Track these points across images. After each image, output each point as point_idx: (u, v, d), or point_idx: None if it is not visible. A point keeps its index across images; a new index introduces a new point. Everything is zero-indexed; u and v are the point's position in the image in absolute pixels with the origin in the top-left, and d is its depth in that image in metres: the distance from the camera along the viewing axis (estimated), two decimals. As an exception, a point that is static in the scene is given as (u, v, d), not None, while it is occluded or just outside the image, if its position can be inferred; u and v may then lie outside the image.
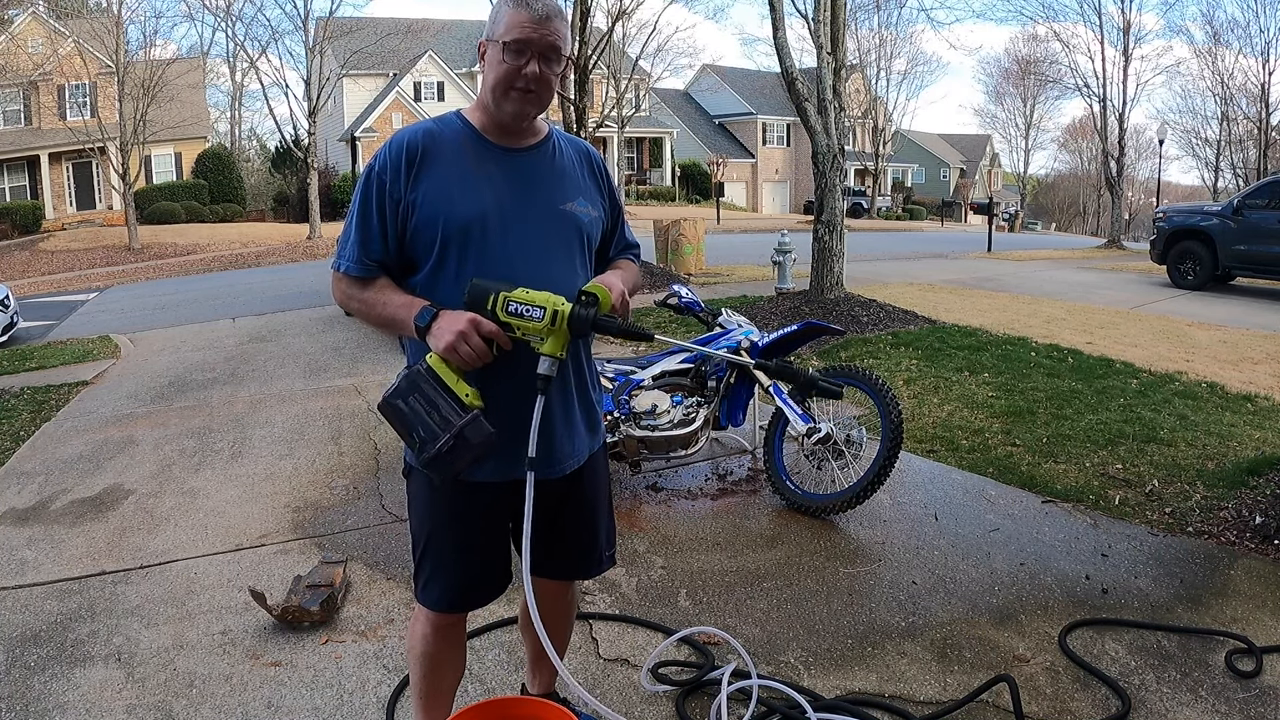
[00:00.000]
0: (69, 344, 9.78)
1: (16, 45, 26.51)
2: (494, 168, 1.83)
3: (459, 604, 1.96)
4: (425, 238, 1.78)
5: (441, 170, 1.79)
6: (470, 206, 1.78)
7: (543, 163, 1.89)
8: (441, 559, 1.90)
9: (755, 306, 9.00)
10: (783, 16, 8.83)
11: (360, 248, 1.80)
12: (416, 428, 1.65)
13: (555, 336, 1.70)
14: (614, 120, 28.20)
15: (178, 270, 20.54)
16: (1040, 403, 5.47)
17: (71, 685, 2.66)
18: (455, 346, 1.67)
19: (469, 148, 1.82)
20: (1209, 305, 10.25)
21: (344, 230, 1.86)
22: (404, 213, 1.78)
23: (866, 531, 3.66)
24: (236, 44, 29.30)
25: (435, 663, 2.00)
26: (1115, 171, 22.86)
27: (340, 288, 1.87)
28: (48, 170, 29.11)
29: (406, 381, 1.67)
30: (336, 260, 1.86)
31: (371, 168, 1.82)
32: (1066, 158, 58.49)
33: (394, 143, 1.82)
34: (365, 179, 1.82)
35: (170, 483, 4.56)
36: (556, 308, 1.69)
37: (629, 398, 4.00)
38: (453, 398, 1.65)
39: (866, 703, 2.46)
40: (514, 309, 1.69)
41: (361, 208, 1.81)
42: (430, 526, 1.90)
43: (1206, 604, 3.01)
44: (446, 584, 1.92)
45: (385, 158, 1.80)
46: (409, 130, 1.84)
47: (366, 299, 1.82)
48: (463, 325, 1.67)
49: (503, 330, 1.70)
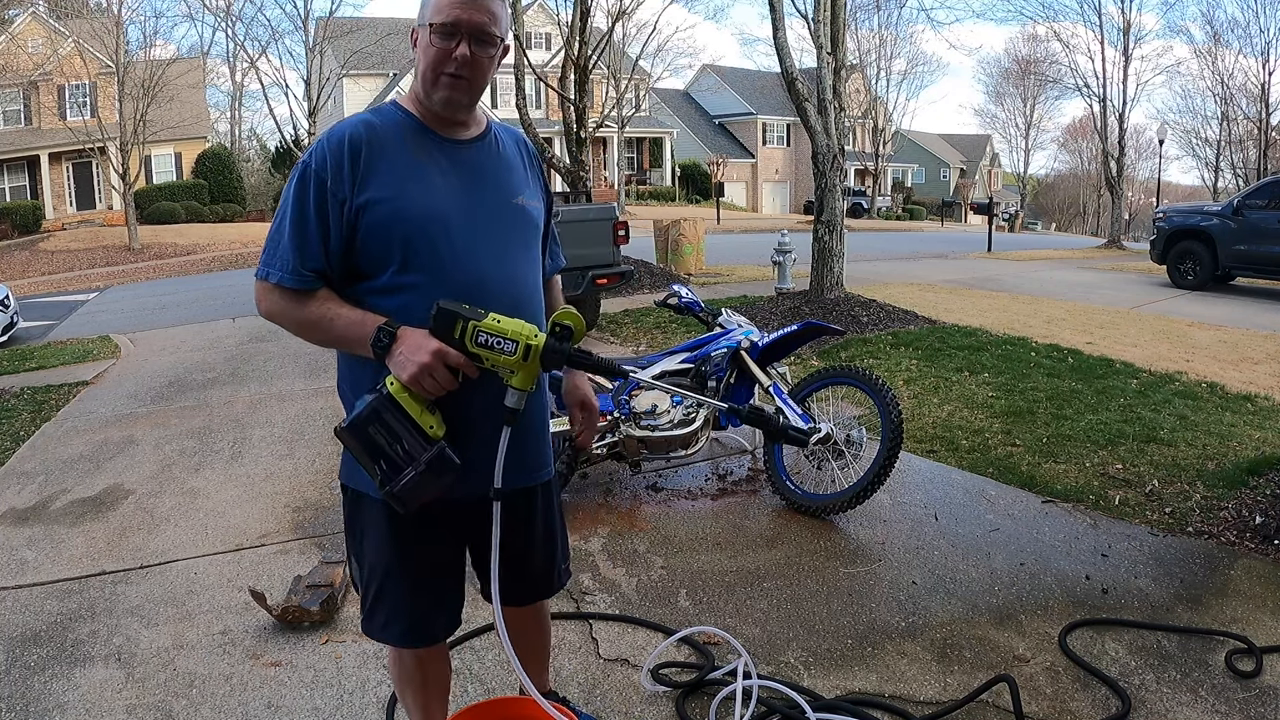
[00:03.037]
0: (69, 344, 9.78)
1: (16, 45, 26.52)
2: (444, 161, 1.69)
3: (425, 638, 1.83)
4: (378, 242, 1.62)
5: (389, 165, 1.63)
6: (429, 204, 1.64)
7: (488, 156, 1.77)
8: (401, 592, 1.76)
9: (755, 306, 8.99)
10: (783, 16, 8.83)
11: (296, 256, 1.60)
12: (379, 460, 1.56)
13: (526, 371, 1.60)
14: (614, 120, 28.23)
15: (178, 270, 20.54)
16: (1040, 403, 5.47)
17: (71, 685, 2.66)
18: (420, 380, 1.55)
19: (412, 139, 1.67)
20: (1209, 305, 10.25)
21: (273, 234, 1.64)
22: (350, 215, 1.60)
23: (866, 531, 3.66)
24: (236, 44, 29.36)
25: (421, 683, 1.91)
26: (1115, 171, 22.87)
27: (270, 301, 1.64)
28: (48, 170, 29.10)
29: (368, 410, 1.55)
30: (263, 269, 1.63)
31: (307, 165, 1.62)
32: (1066, 158, 58.61)
33: (333, 136, 1.63)
34: (300, 178, 1.61)
35: (170, 483, 4.56)
36: (529, 341, 1.58)
37: (629, 398, 4.00)
38: (416, 429, 1.55)
39: (866, 703, 2.45)
40: (484, 340, 1.57)
41: (297, 211, 1.60)
42: (388, 559, 1.74)
43: (1206, 604, 3.01)
44: (412, 620, 1.79)
45: (324, 153, 1.61)
46: (347, 123, 1.66)
47: (306, 316, 1.63)
48: (427, 358, 1.54)
49: (470, 361, 1.58)
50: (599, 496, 4.11)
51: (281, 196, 1.65)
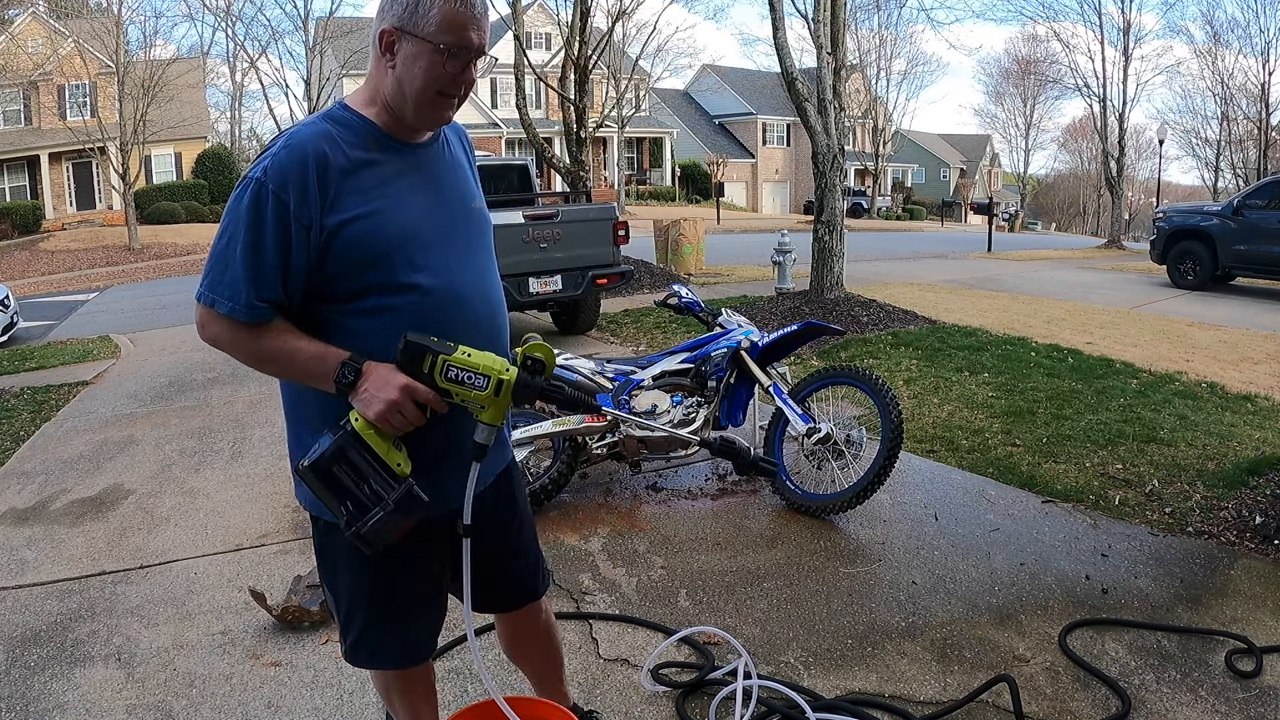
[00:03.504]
0: (69, 344, 9.79)
1: (16, 45, 26.51)
2: (409, 172, 1.59)
3: (416, 658, 1.78)
4: (350, 263, 1.49)
5: (359, 182, 1.50)
6: (403, 221, 1.53)
7: (442, 158, 1.67)
8: (385, 622, 1.70)
9: (755, 306, 9.00)
10: (783, 16, 8.83)
11: (250, 288, 1.45)
12: (345, 500, 1.49)
13: (497, 406, 1.55)
14: (614, 120, 28.24)
15: (178, 270, 20.54)
16: (1040, 403, 5.47)
17: (71, 685, 2.66)
18: (388, 417, 1.47)
19: (378, 150, 1.55)
20: (1209, 305, 10.25)
21: (218, 258, 1.47)
22: (318, 240, 1.47)
23: (866, 531, 3.66)
24: (236, 44, 29.42)
25: (405, 687, 1.84)
26: (1115, 171, 22.87)
27: (217, 329, 1.50)
28: (48, 170, 29.10)
29: (332, 448, 1.48)
30: (207, 293, 1.47)
31: (263, 185, 1.43)
32: (1066, 158, 58.64)
33: (293, 151, 1.45)
34: (255, 199, 1.43)
35: (170, 483, 4.56)
36: (501, 376, 1.52)
37: (629, 398, 4.00)
38: (383, 467, 1.49)
39: (866, 703, 2.45)
40: (454, 375, 1.51)
41: (251, 235, 1.43)
42: (369, 590, 1.68)
43: (1206, 604, 3.01)
44: (402, 645, 1.74)
45: (285, 172, 1.44)
46: (305, 134, 1.49)
47: (260, 349, 1.51)
48: (395, 395, 1.46)
49: (439, 397, 1.52)
50: (599, 496, 4.11)
51: (229, 212, 1.47)
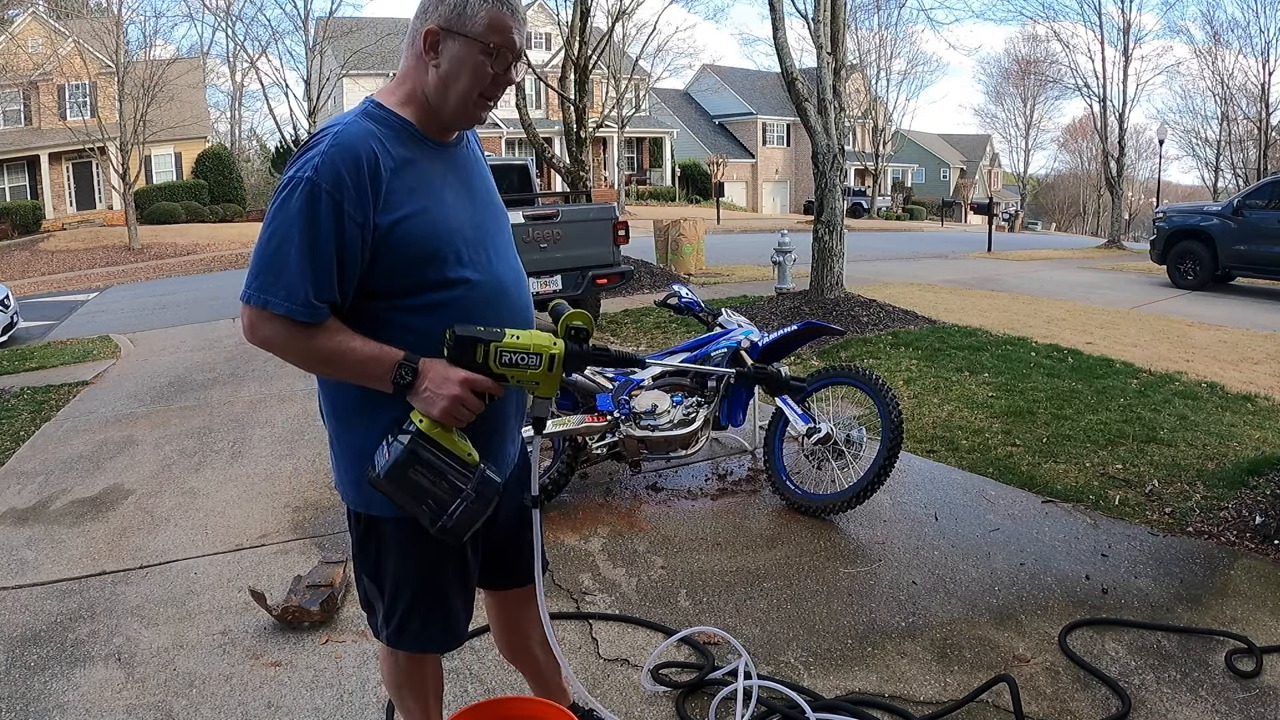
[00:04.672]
0: (69, 344, 9.78)
1: (16, 45, 26.52)
2: (445, 168, 1.63)
3: (460, 637, 1.82)
4: (399, 261, 1.52)
5: (407, 181, 1.54)
6: (448, 216, 1.58)
7: (468, 157, 1.72)
8: (434, 604, 1.74)
9: (755, 306, 9.00)
10: (783, 16, 8.83)
11: (309, 286, 1.45)
12: (426, 500, 1.54)
13: (551, 380, 1.62)
14: (614, 120, 28.24)
15: (178, 270, 20.54)
16: (1040, 403, 5.47)
17: (71, 685, 2.66)
18: (453, 412, 1.52)
19: (417, 148, 1.58)
20: (1209, 305, 10.25)
21: (269, 257, 1.46)
22: (370, 239, 1.49)
23: (866, 531, 3.66)
24: (236, 44, 29.42)
25: (420, 683, 1.88)
26: (1115, 171, 22.87)
27: (269, 331, 1.49)
28: (48, 170, 29.10)
29: (405, 453, 1.51)
30: (259, 295, 1.46)
31: (316, 184, 1.44)
32: (1066, 158, 58.63)
33: (344, 150, 1.46)
34: (309, 198, 1.44)
35: (170, 483, 4.56)
36: (551, 351, 1.59)
37: (629, 398, 4.00)
38: (455, 460, 1.55)
39: (866, 703, 2.45)
40: (507, 359, 1.56)
41: (308, 235, 1.44)
42: (420, 575, 1.71)
43: (1206, 604, 3.01)
44: (447, 625, 1.78)
45: (338, 172, 1.45)
46: (353, 132, 1.50)
47: (316, 349, 1.51)
48: (457, 390, 1.51)
49: (496, 383, 1.57)
50: (599, 496, 4.11)
51: (277, 213, 1.47)
